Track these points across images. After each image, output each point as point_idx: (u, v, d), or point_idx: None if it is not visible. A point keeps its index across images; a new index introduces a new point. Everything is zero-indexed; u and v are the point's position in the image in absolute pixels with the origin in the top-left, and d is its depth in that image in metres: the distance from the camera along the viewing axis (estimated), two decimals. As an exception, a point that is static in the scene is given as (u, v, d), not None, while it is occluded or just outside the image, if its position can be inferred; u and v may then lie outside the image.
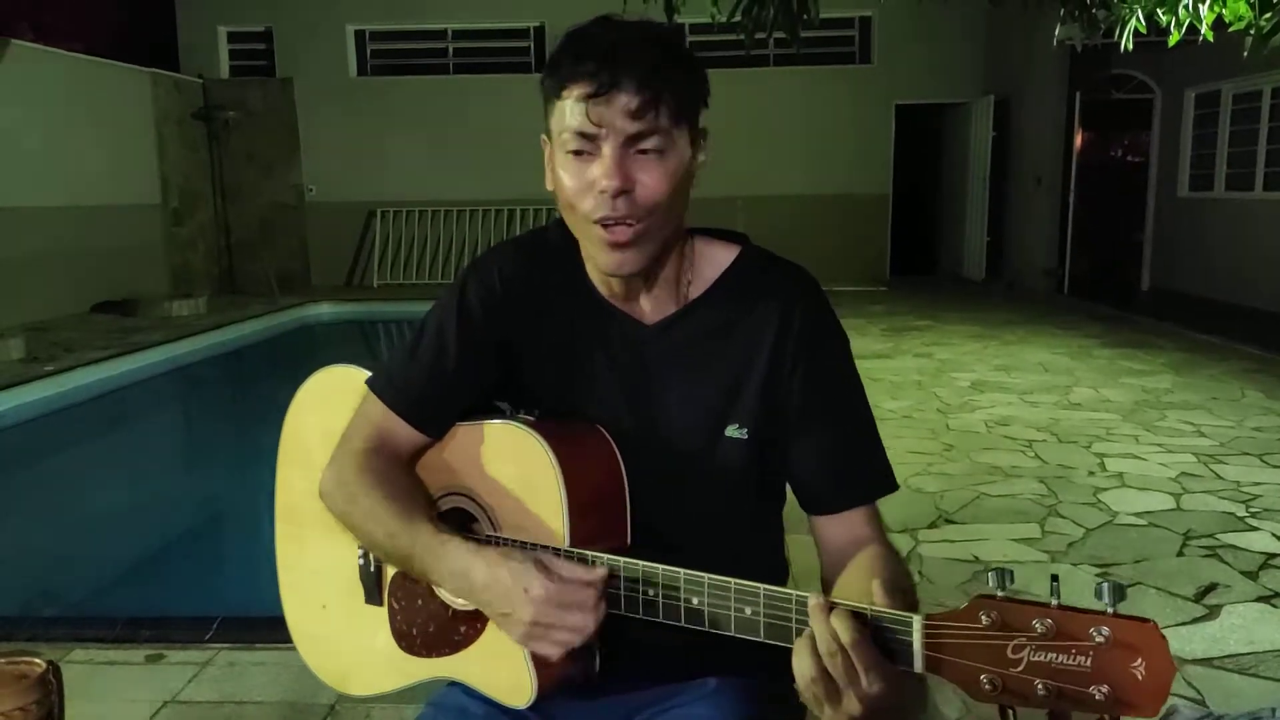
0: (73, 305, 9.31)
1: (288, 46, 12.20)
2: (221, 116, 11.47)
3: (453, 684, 1.20)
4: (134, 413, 6.99)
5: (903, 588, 0.88)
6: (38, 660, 1.62)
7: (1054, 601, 0.78)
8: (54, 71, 9.21)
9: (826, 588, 1.12)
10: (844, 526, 1.13)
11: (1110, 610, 0.75)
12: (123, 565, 4.04)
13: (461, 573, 1.05)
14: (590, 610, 1.01)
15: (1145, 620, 0.74)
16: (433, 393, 1.16)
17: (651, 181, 1.05)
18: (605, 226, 1.06)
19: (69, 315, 9.11)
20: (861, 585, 0.99)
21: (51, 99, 9.10)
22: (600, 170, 1.04)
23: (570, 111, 1.04)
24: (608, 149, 1.04)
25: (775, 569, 1.26)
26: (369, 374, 1.22)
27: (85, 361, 6.81)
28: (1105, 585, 0.75)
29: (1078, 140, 10.98)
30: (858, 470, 1.14)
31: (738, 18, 4.41)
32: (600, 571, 1.02)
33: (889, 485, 1.16)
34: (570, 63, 1.03)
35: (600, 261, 1.10)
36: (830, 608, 0.87)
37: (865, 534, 1.13)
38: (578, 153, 1.05)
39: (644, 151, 1.04)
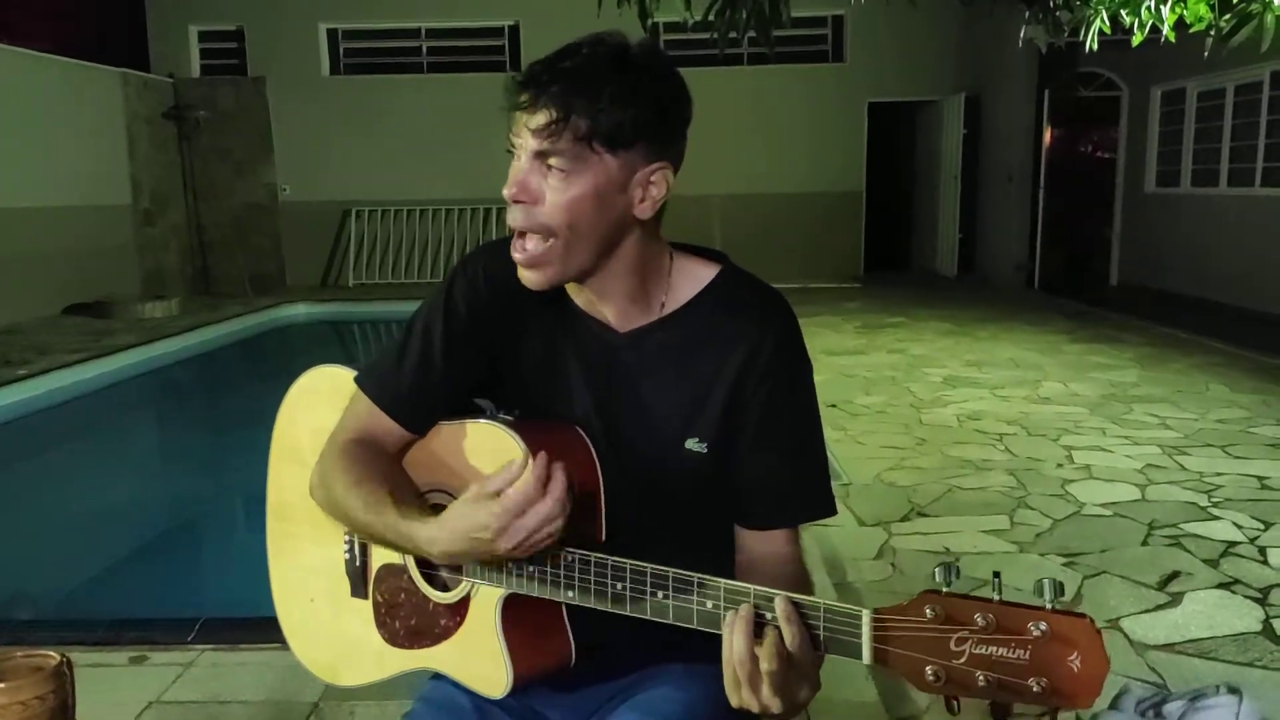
0: (44, 308, 9.20)
1: (260, 45, 12.12)
2: (192, 116, 11.37)
3: (439, 677, 1.23)
4: (110, 416, 6.94)
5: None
6: (53, 654, 1.71)
7: (996, 597, 0.81)
8: (21, 71, 9.09)
9: None
10: (766, 541, 1.18)
11: (1049, 606, 0.79)
12: (104, 568, 4.03)
13: (429, 540, 1.08)
14: (545, 498, 1.00)
15: (1081, 616, 0.78)
16: (418, 390, 1.20)
17: (552, 199, 1.08)
18: (517, 237, 1.12)
19: (40, 318, 9.00)
20: None
21: (19, 99, 8.98)
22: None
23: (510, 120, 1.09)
24: (520, 161, 1.09)
25: (728, 574, 1.29)
26: (357, 373, 1.26)
27: (59, 365, 6.76)
28: (1045, 582, 0.79)
29: (1047, 137, 11.11)
30: (793, 496, 1.18)
31: (711, 18, 4.45)
32: (517, 465, 1.04)
33: (826, 510, 1.19)
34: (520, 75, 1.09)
35: None
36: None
37: (785, 552, 1.18)
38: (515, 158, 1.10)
39: (551, 168, 1.08)
